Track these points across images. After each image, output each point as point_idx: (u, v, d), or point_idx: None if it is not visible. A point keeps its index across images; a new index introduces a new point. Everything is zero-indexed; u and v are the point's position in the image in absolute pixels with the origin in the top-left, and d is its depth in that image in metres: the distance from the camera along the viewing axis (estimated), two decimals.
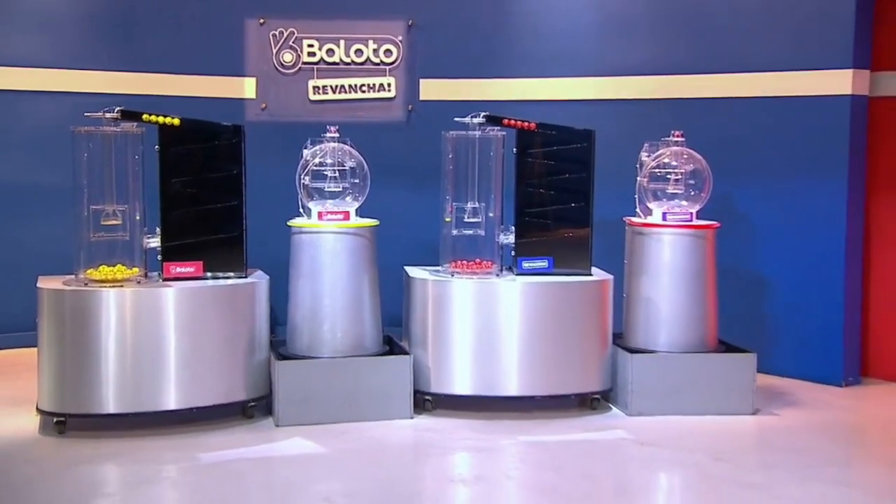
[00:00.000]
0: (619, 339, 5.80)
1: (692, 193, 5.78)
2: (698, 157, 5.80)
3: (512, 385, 5.42)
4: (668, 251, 5.70)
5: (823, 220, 6.27)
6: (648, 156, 5.87)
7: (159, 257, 5.20)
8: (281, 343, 5.56)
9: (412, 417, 5.32)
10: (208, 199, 5.29)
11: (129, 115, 5.15)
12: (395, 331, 5.79)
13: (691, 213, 5.76)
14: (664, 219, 5.74)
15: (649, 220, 5.78)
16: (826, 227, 6.26)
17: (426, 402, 5.43)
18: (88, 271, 5.10)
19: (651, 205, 5.81)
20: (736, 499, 4.33)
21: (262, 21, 6.93)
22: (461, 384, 5.42)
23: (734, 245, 6.12)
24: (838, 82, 6.14)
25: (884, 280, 6.47)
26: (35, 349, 5.12)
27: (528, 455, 4.93)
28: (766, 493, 4.37)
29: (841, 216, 6.22)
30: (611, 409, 5.60)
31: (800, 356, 6.32)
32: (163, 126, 5.18)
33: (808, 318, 6.33)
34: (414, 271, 5.65)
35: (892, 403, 5.99)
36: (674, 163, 5.82)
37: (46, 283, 5.08)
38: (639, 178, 5.86)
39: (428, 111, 6.92)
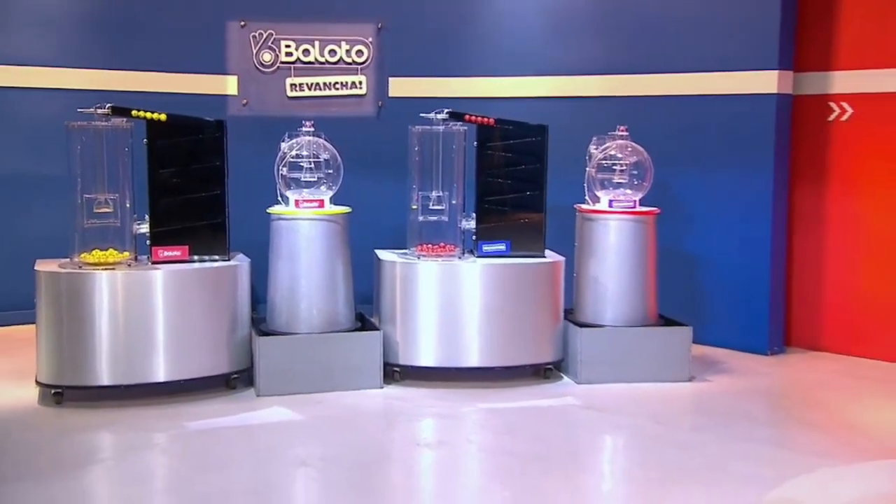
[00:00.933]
0: (570, 315, 5.82)
1: (635, 183, 5.80)
2: (641, 149, 5.82)
3: (473, 357, 5.43)
4: (614, 235, 5.72)
5: (752, 207, 6.32)
6: (596, 148, 5.88)
7: (148, 242, 5.14)
8: (261, 320, 5.53)
9: (382, 387, 5.31)
10: (193, 189, 5.22)
11: (119, 111, 5.08)
12: (366, 308, 5.77)
13: (634, 201, 5.78)
14: (610, 206, 5.76)
15: (597, 206, 5.79)
16: (754, 213, 6.31)
17: (395, 373, 5.42)
18: (82, 255, 5.03)
19: (599, 193, 5.83)
20: (672, 457, 4.36)
21: (242, 23, 6.85)
22: (426, 357, 5.42)
23: (673, 229, 6.15)
24: (765, 82, 6.18)
25: (804, 260, 6.55)
26: (34, 326, 5.05)
27: (486, 421, 4.95)
28: (699, 452, 4.41)
29: (767, 203, 6.27)
30: (562, 378, 5.62)
31: (730, 328, 6.38)
32: (150, 121, 5.12)
33: (738, 294, 6.39)
34: (383, 254, 5.63)
35: (811, 369, 6.07)
36: (619, 155, 5.84)
37: (44, 267, 5.02)
38: (587, 169, 5.87)
39: (396, 107, 6.88)
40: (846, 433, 4.73)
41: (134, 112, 5.10)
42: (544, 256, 5.65)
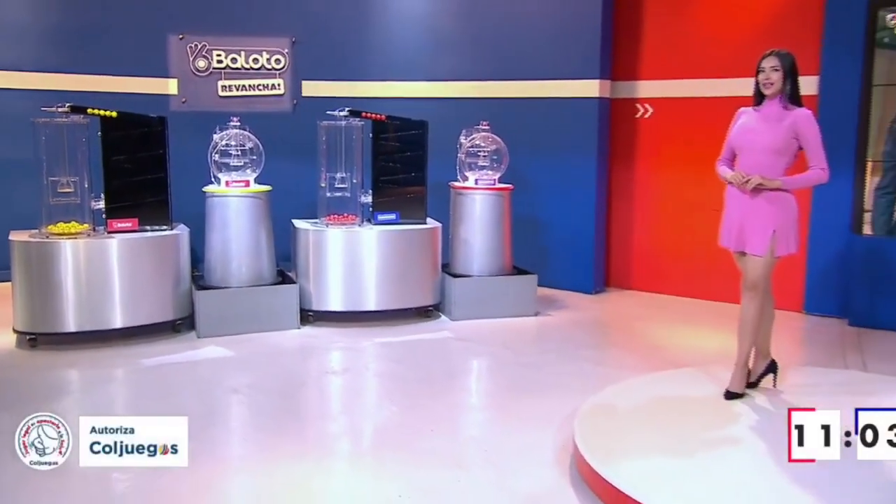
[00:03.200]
0: (446, 268, 5.84)
1: (495, 165, 5.84)
2: (499, 139, 5.86)
3: (371, 302, 5.40)
4: (479, 206, 5.76)
5: (581, 182, 6.44)
6: (465, 138, 5.89)
7: (104, 216, 4.92)
8: (200, 277, 5.37)
9: (299, 328, 5.24)
10: (140, 172, 4.98)
11: (76, 109, 4.82)
12: (285, 265, 5.66)
13: (494, 179, 5.82)
14: (476, 183, 5.79)
15: (466, 184, 5.81)
16: (582, 187, 6.44)
17: (309, 316, 5.35)
18: (49, 227, 4.79)
19: (467, 173, 5.84)
20: (520, 375, 4.46)
21: (181, 36, 6.52)
22: (334, 303, 5.36)
23: (523, 200, 6.20)
24: (590, 88, 6.29)
25: (619, 221, 6.74)
26: (9, 284, 4.79)
27: (381, 352, 4.94)
28: (540, 370, 4.53)
29: (592, 179, 6.41)
30: (440, 316, 5.66)
31: (565, 274, 6.52)
32: (104, 117, 4.88)
33: (571, 248, 6.53)
34: (299, 223, 5.51)
35: (624, 305, 6.27)
36: (482, 144, 5.86)
37: (16, 237, 4.78)
38: (459, 155, 5.87)
39: (308, 105, 6.64)
40: (648, 351, 4.93)
41: (90, 110, 4.86)
42: (426, 223, 5.63)
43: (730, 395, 3.68)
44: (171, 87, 6.54)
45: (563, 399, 3.92)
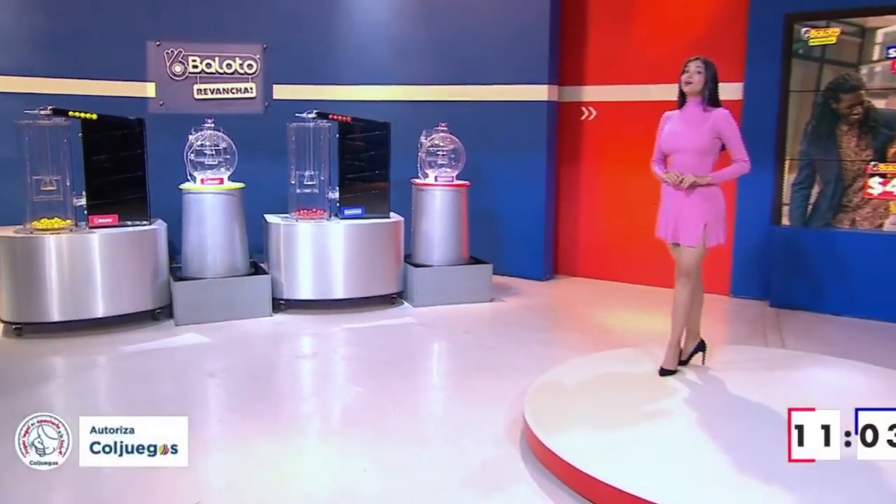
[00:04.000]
0: (409, 258, 5.83)
1: (453, 164, 5.83)
2: (456, 140, 5.85)
3: (339, 291, 5.36)
4: (439, 201, 5.74)
5: (532, 179, 6.46)
6: (425, 139, 5.86)
7: (86, 212, 4.81)
8: (178, 268, 5.28)
9: (271, 315, 5.19)
10: (120, 171, 4.89)
11: (58, 112, 4.71)
12: (258, 257, 5.58)
13: (453, 176, 5.81)
14: (436, 180, 5.77)
15: (426, 181, 5.79)
16: (533, 183, 6.46)
17: (280, 304, 5.30)
18: (33, 223, 4.68)
19: (427, 171, 5.82)
20: (477, 357, 4.46)
21: (158, 43, 6.35)
22: (304, 291, 5.31)
23: (480, 196, 6.20)
24: (539, 92, 6.31)
25: (566, 214, 6.77)
26: None
27: (348, 337, 4.91)
28: (496, 352, 4.54)
29: (541, 176, 6.44)
30: (403, 303, 5.64)
31: (518, 263, 6.55)
32: (84, 120, 4.77)
33: (524, 239, 6.56)
34: (271, 217, 5.45)
35: (571, 290, 6.31)
36: (441, 144, 5.85)
37: (2, 232, 4.66)
38: (419, 154, 5.85)
39: (279, 107, 6.51)
40: (593, 333, 4.97)
41: (71, 112, 4.75)
42: (389, 217, 5.60)
43: (664, 372, 3.75)
44: (149, 90, 6.37)
45: (516, 378, 3.94)
